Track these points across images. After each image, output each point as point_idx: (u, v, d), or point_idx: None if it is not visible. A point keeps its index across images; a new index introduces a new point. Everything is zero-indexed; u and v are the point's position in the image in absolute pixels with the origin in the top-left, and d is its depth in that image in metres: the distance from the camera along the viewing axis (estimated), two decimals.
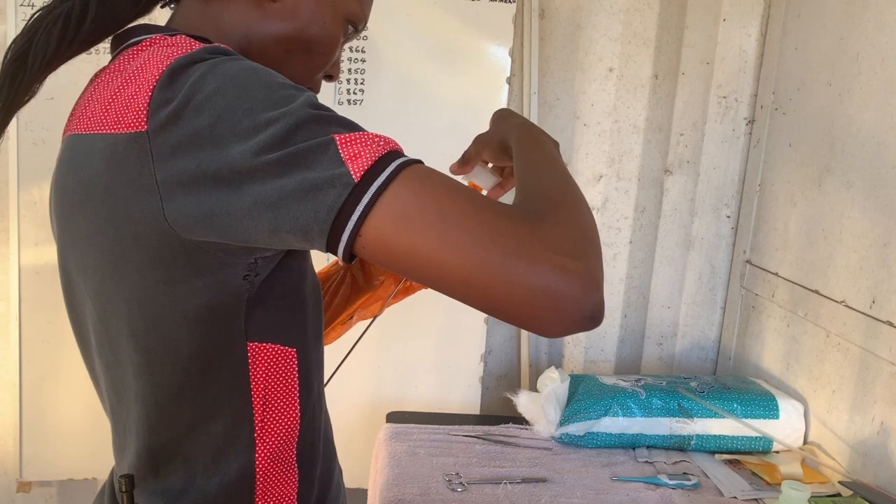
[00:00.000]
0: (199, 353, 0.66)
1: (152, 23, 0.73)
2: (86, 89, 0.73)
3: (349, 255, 0.55)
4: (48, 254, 1.68)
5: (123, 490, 0.68)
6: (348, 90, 1.76)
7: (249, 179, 0.56)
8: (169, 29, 0.71)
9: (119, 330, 0.68)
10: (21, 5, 1.62)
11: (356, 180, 0.54)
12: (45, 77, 0.70)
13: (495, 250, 0.52)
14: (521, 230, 0.53)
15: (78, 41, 0.70)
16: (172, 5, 0.78)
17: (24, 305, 1.71)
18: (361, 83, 1.76)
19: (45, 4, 0.71)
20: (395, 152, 0.57)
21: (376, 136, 0.57)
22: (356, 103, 1.77)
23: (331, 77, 0.81)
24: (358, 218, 0.54)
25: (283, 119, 0.56)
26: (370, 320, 1.08)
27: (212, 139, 0.56)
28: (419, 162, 0.57)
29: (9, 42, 1.72)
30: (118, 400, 0.74)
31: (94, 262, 0.66)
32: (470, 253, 0.52)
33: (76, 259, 0.70)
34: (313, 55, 0.76)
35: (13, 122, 0.72)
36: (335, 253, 0.56)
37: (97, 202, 0.63)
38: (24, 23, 0.73)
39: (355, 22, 0.79)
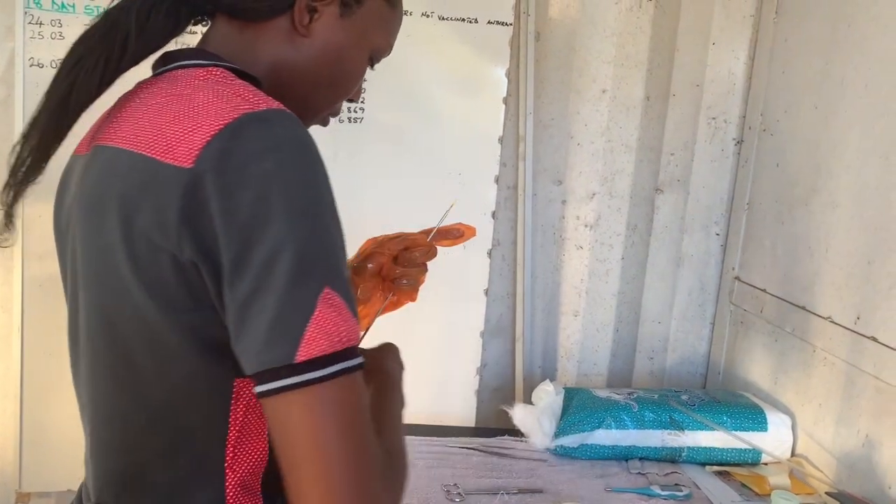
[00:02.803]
0: (188, 381, 0.67)
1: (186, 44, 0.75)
2: (123, 102, 0.74)
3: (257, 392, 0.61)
4: (51, 266, 1.70)
5: None
6: (348, 108, 1.80)
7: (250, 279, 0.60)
8: (211, 55, 0.73)
9: (114, 344, 0.69)
10: (29, 23, 1.65)
11: (297, 361, 0.59)
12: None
13: (352, 492, 0.60)
14: (378, 490, 0.61)
15: (115, 79, 0.72)
16: (205, 22, 0.80)
17: (26, 317, 1.73)
18: (362, 101, 1.80)
19: (83, 38, 0.72)
20: (348, 350, 0.61)
21: (346, 323, 0.61)
22: (356, 121, 1.81)
23: (352, 100, 0.86)
24: (277, 388, 0.59)
25: (303, 258, 0.60)
26: (361, 333, 1.10)
27: (241, 228, 0.60)
28: (359, 368, 0.62)
29: (17, 60, 1.73)
30: (96, 413, 0.74)
31: (103, 273, 0.68)
32: (337, 478, 0.59)
33: (86, 266, 0.71)
34: (339, 88, 0.80)
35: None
36: (251, 376, 0.61)
37: (123, 218, 0.65)
38: (61, 61, 0.73)
39: (380, 55, 0.83)
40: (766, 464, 1.62)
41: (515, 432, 1.71)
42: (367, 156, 1.82)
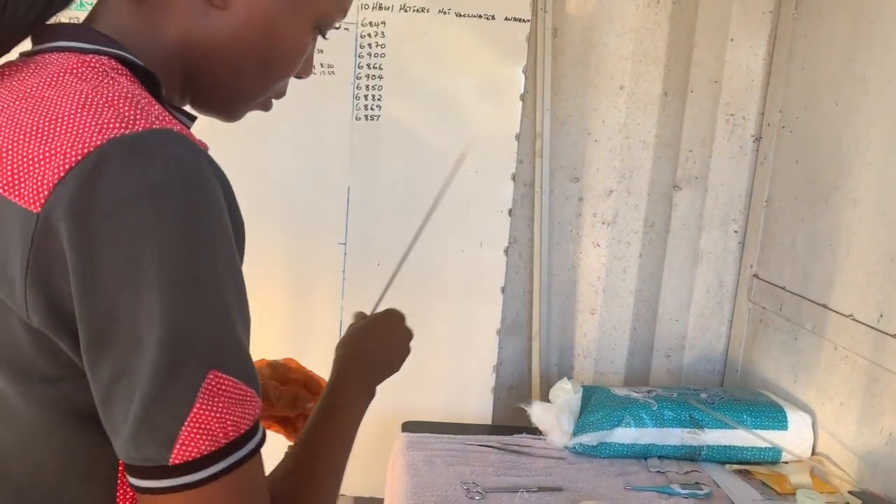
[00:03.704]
0: (58, 459, 0.56)
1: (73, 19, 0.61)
2: None
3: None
4: None
5: None
6: (366, 106, 1.80)
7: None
8: (99, 37, 0.58)
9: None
10: None
11: (171, 464, 0.50)
12: None
13: None
14: None
15: None
16: None
17: None
18: (378, 99, 1.80)
19: None
20: (238, 440, 0.52)
21: (237, 409, 0.52)
22: (373, 119, 1.81)
23: (300, 76, 0.70)
24: (149, 487, 0.51)
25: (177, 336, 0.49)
26: None
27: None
28: (252, 455, 0.53)
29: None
30: None
31: None
32: None
33: None
34: (273, 67, 0.65)
35: None
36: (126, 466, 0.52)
37: None
38: None
39: (330, 22, 0.67)
40: (786, 462, 1.61)
41: (532, 430, 1.70)
42: (383, 154, 1.82)
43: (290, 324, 1.88)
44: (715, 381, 2.06)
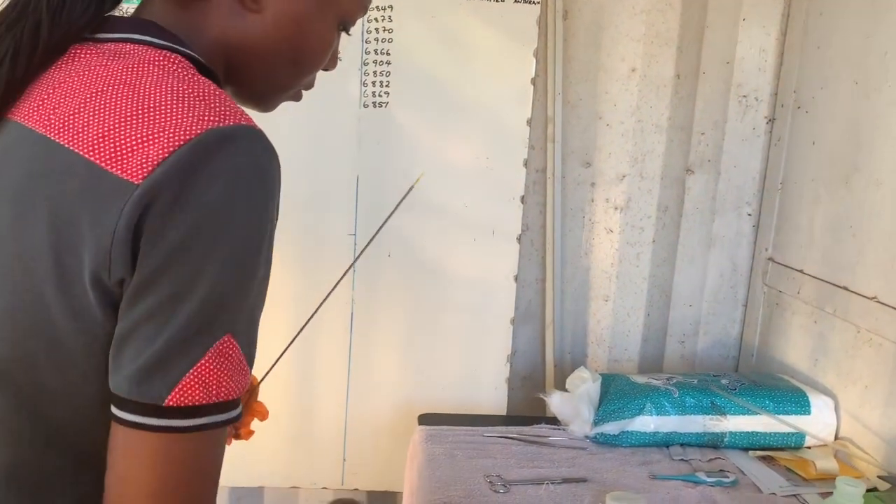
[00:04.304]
0: (94, 402, 0.62)
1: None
2: (52, 68, 0.64)
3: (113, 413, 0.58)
4: None
5: None
6: (374, 93, 1.76)
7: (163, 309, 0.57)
8: (167, 34, 0.65)
9: (16, 360, 0.62)
10: None
11: (165, 405, 0.57)
12: None
13: None
14: None
15: (29, 80, 0.63)
16: None
17: None
18: (387, 85, 1.76)
19: None
20: (221, 404, 0.59)
21: (233, 376, 0.59)
22: (381, 105, 1.77)
23: (327, 69, 0.78)
24: (137, 423, 0.57)
25: (221, 299, 0.57)
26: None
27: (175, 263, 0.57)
28: (225, 424, 0.59)
29: None
30: None
31: (20, 281, 0.60)
32: None
33: None
34: (303, 63, 0.73)
35: None
36: (114, 394, 0.58)
37: (53, 226, 0.58)
38: None
39: (352, 19, 0.74)
40: (808, 447, 1.59)
41: (549, 420, 1.68)
42: (392, 141, 1.78)
43: (300, 317, 1.84)
44: (730, 366, 2.04)
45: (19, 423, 0.63)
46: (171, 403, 0.56)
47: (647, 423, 1.57)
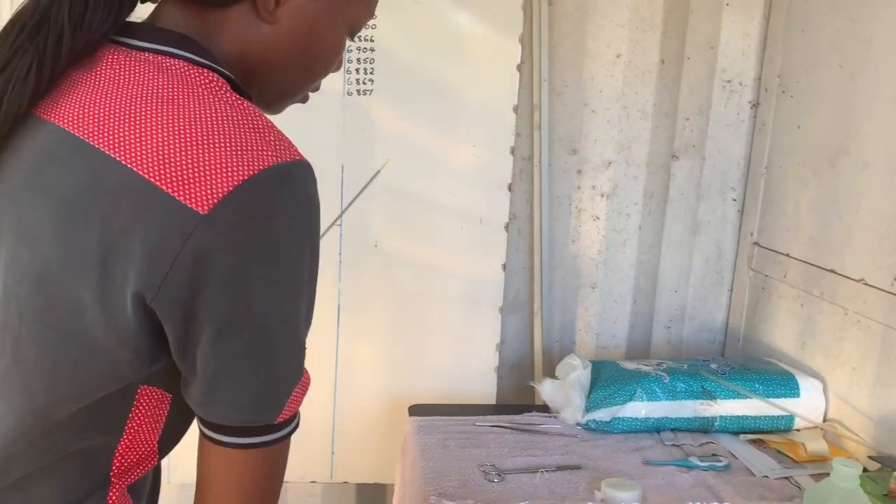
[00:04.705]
0: (104, 383, 0.64)
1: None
2: (80, 71, 0.65)
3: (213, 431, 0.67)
4: None
5: None
6: (357, 80, 1.73)
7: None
8: (200, 49, 0.66)
9: (44, 350, 0.64)
10: None
11: (276, 422, 0.68)
12: None
13: None
14: None
15: (52, 85, 0.64)
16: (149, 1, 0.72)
17: None
18: (371, 73, 1.73)
19: (9, 31, 0.63)
20: (297, 414, 0.73)
21: (302, 392, 0.71)
22: (366, 93, 1.74)
23: (333, 70, 0.80)
24: (247, 444, 0.67)
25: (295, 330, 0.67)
26: None
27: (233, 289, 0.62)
28: (294, 430, 0.72)
29: None
30: None
31: (60, 283, 0.61)
32: None
33: (28, 264, 0.63)
34: (315, 70, 0.76)
35: None
36: (207, 423, 0.67)
37: (104, 239, 0.59)
38: None
39: (360, 25, 0.77)
40: (798, 430, 1.60)
41: (540, 408, 1.67)
42: (377, 129, 1.76)
43: None
44: (716, 350, 2.05)
45: (24, 414, 0.65)
46: (279, 420, 0.67)
47: (638, 408, 1.57)
